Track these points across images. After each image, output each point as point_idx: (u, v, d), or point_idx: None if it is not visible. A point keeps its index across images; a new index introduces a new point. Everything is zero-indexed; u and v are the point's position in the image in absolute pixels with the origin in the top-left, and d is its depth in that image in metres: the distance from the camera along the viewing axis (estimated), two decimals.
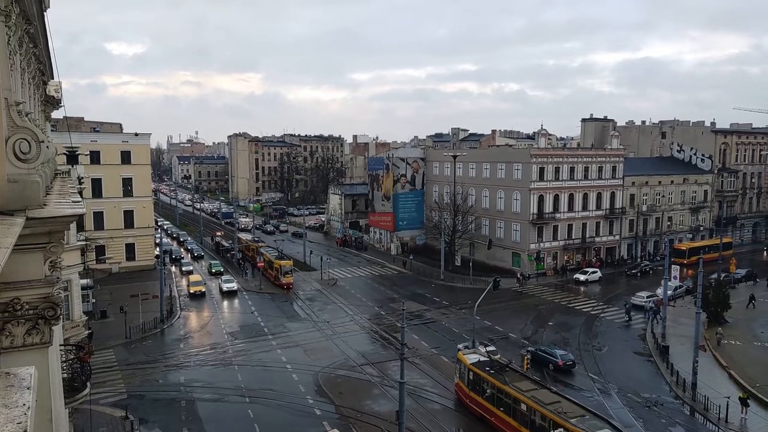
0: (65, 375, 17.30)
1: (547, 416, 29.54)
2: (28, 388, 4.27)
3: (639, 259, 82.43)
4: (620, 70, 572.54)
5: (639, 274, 74.96)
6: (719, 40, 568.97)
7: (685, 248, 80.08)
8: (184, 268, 78.93)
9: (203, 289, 66.51)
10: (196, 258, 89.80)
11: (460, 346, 43.54)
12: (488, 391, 34.78)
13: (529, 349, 45.76)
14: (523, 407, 31.68)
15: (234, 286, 66.99)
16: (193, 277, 70.44)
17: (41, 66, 21.47)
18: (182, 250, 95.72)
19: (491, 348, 41.12)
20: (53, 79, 26.54)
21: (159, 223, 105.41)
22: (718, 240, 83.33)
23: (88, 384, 19.92)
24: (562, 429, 28.37)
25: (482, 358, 37.50)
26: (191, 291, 66.00)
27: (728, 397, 36.72)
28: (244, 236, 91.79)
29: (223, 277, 70.44)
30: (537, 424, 30.42)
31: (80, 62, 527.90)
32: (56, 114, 33.34)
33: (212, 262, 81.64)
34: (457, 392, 38.90)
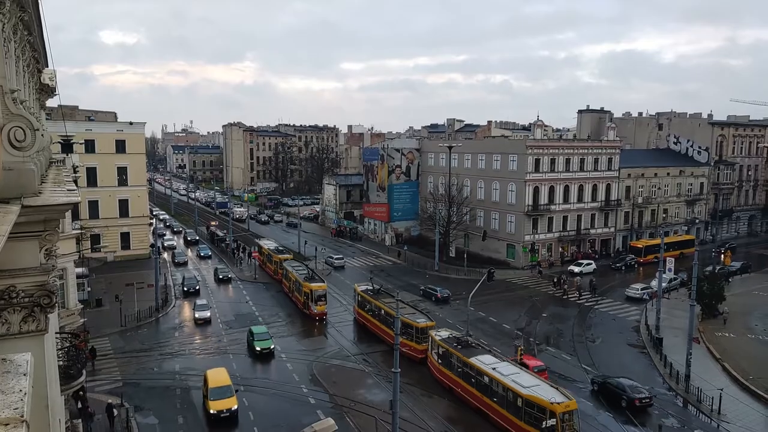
0: (61, 362, 17.32)
1: (392, 314, 43.20)
2: (24, 374, 4.29)
3: (624, 253, 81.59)
4: (605, 61, 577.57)
5: (624, 268, 75.06)
6: (697, 33, 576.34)
7: (641, 246, 78.40)
8: (198, 314, 53.29)
9: (235, 406, 34.92)
10: (222, 281, 67.39)
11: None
12: (367, 306, 50.97)
13: (422, 288, 60.99)
14: (383, 312, 47.82)
15: None
16: (216, 376, 36.56)
17: (36, 54, 21.33)
18: (190, 252, 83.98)
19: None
20: (48, 67, 26.37)
21: (155, 214, 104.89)
22: (679, 237, 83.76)
23: (84, 371, 19.95)
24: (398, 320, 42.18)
25: (368, 287, 53.24)
26: (211, 408, 34.54)
27: (721, 389, 37.02)
28: (265, 244, 75.06)
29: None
30: (389, 321, 45.08)
31: (69, 52, 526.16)
32: (51, 102, 33.17)
33: (256, 330, 47.14)
34: (354, 312, 54.55)
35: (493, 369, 34.68)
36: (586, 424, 33.72)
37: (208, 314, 53.54)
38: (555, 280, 66.81)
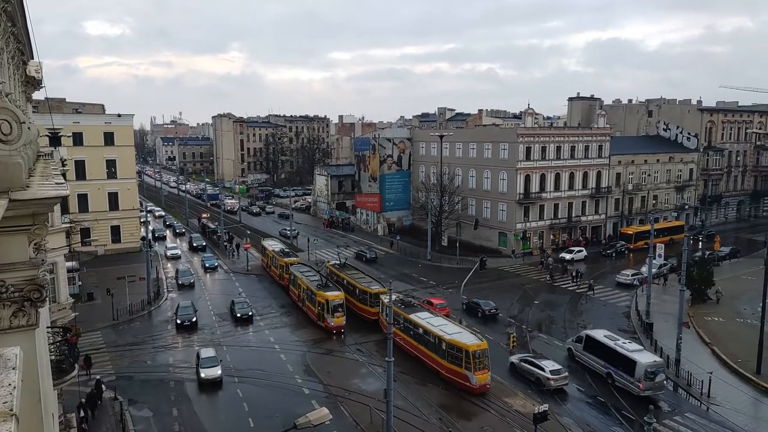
0: (53, 357, 17.26)
1: (353, 283, 52.87)
2: (13, 368, 4.27)
3: (615, 239, 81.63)
4: (591, 49, 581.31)
5: (614, 255, 75.43)
6: (679, 21, 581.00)
7: (631, 232, 78.67)
8: (204, 374, 38.09)
9: None
10: (241, 320, 51.03)
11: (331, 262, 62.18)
12: (335, 277, 56.23)
13: (354, 250, 73.10)
14: (345, 282, 54.00)
15: None
16: None
17: (20, 46, 21.11)
18: (195, 261, 73.64)
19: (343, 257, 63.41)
20: (33, 59, 26.09)
21: (149, 209, 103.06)
22: (668, 223, 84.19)
23: (76, 366, 19.90)
24: (357, 288, 51.78)
25: (337, 262, 60.30)
26: None
27: (711, 373, 37.41)
28: (270, 245, 68.30)
29: None
30: (351, 290, 52.45)
31: (53, 44, 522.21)
32: (37, 95, 32.82)
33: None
34: None
35: (427, 322, 41.57)
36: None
37: (219, 372, 38.23)
38: (589, 283, 60.47)
